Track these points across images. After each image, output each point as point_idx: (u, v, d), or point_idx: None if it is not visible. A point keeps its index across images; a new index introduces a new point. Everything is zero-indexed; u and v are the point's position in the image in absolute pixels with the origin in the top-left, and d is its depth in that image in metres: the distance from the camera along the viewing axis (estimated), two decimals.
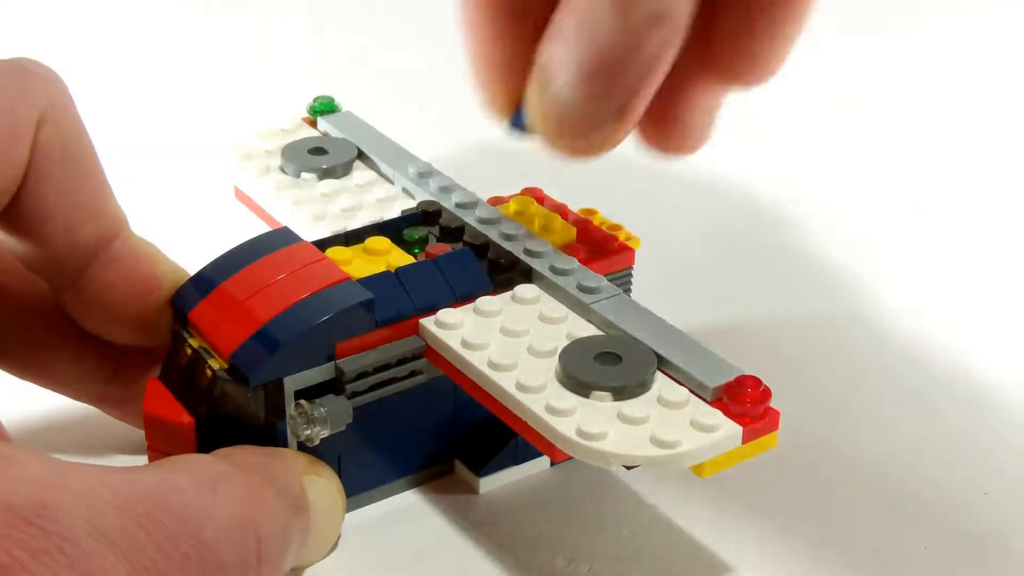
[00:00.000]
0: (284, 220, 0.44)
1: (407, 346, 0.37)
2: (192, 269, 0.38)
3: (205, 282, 0.37)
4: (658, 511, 0.39)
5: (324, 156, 0.46)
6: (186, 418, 0.36)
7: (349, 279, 0.37)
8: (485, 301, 0.38)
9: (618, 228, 0.43)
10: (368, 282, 0.37)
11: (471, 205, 0.42)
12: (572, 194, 0.45)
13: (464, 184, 0.44)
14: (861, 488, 0.41)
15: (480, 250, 0.40)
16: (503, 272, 0.39)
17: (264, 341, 0.35)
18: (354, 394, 0.37)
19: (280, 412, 0.36)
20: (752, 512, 0.40)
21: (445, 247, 0.40)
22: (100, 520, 0.27)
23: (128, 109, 0.65)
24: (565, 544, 0.38)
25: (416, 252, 0.40)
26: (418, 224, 0.42)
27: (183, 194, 0.56)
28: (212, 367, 0.36)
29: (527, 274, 0.40)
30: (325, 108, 0.50)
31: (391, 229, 0.41)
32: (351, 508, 0.38)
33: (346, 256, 0.39)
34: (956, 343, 0.49)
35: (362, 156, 0.47)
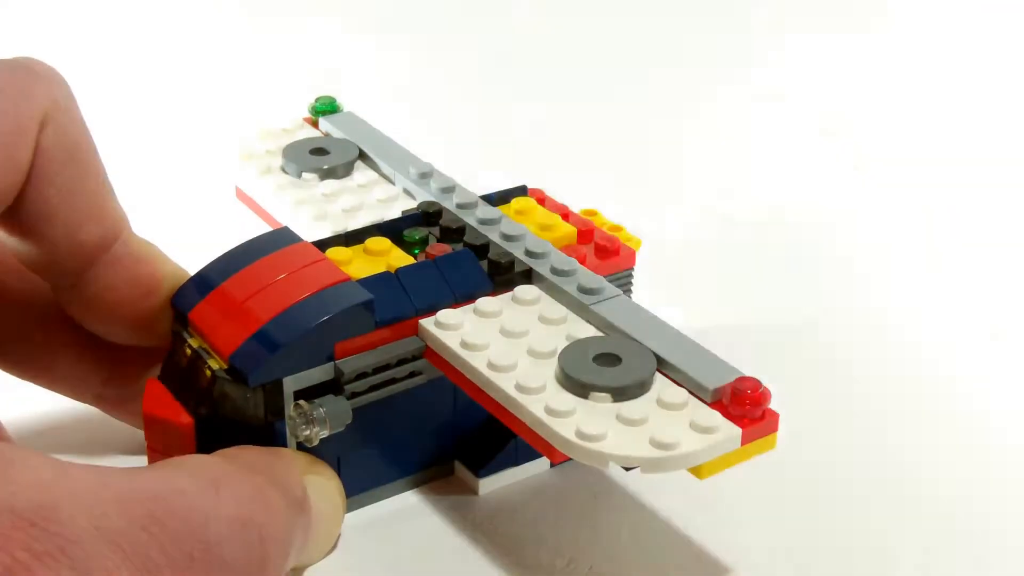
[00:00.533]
0: (285, 220, 0.44)
1: (407, 347, 0.37)
2: (192, 269, 0.38)
3: (205, 282, 0.37)
4: (657, 512, 0.39)
5: (325, 156, 0.46)
6: (186, 418, 0.36)
7: (349, 279, 0.37)
8: (485, 302, 0.38)
9: (619, 229, 0.43)
10: (368, 283, 0.37)
11: (471, 206, 0.42)
12: (573, 195, 0.45)
13: (465, 185, 0.44)
14: (860, 488, 0.41)
15: (480, 251, 0.40)
16: (503, 273, 0.39)
17: (264, 341, 0.35)
18: (354, 394, 0.37)
19: (279, 412, 0.36)
20: (752, 513, 0.40)
21: (445, 248, 0.40)
22: (103, 521, 0.27)
23: (130, 109, 0.65)
24: (565, 544, 0.38)
25: (416, 253, 0.40)
26: (418, 224, 0.42)
27: (183, 194, 0.56)
28: (212, 367, 0.36)
29: (527, 275, 0.40)
30: (327, 108, 0.50)
31: (391, 229, 0.41)
32: (351, 508, 0.38)
33: (346, 256, 0.39)
34: (956, 343, 0.49)
35: (363, 156, 0.47)
